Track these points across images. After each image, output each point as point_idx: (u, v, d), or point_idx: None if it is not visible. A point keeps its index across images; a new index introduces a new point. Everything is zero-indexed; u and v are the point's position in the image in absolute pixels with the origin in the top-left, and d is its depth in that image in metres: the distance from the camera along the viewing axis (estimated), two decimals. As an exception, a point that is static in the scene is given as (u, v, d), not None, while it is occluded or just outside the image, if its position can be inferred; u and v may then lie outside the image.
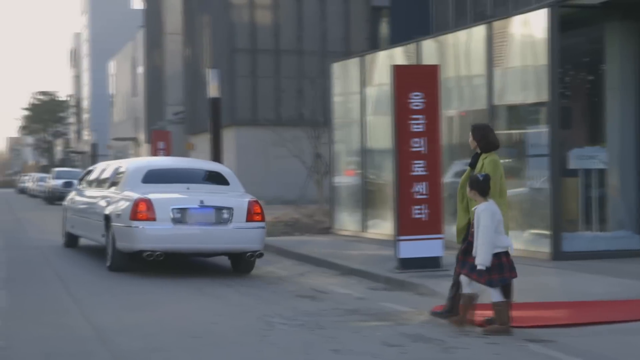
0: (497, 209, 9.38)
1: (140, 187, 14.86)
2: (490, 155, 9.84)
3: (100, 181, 17.45)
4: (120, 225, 14.42)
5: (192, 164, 17.55)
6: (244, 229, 14.47)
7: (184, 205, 14.24)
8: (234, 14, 39.01)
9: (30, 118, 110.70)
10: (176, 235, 14.14)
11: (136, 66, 63.38)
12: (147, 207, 14.08)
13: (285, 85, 37.90)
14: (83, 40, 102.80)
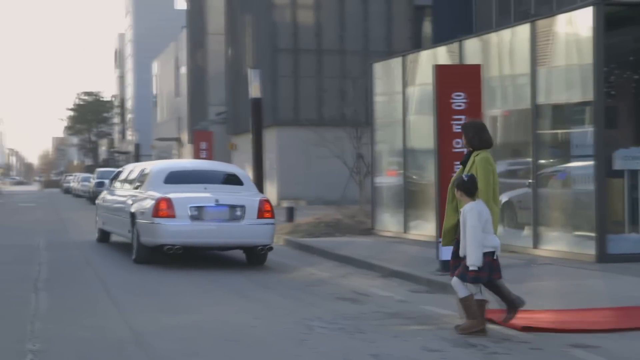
0: (483, 209, 9.20)
1: (162, 187, 16.32)
2: (482, 153, 9.65)
3: (127, 181, 18.91)
4: (144, 221, 15.83)
5: (210, 166, 19.17)
6: (255, 225, 15.85)
7: (201, 203, 15.66)
8: (276, 13, 38.98)
9: (75, 118, 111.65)
10: (193, 231, 15.55)
11: (179, 66, 63.61)
12: (168, 205, 15.51)
13: (327, 85, 37.80)
14: (127, 41, 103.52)
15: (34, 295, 11.85)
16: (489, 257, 9.20)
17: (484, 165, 9.54)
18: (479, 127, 9.87)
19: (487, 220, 9.19)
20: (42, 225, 28.86)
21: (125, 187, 18.91)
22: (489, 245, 9.19)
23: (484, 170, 9.52)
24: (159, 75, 74.68)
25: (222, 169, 18.39)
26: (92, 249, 19.83)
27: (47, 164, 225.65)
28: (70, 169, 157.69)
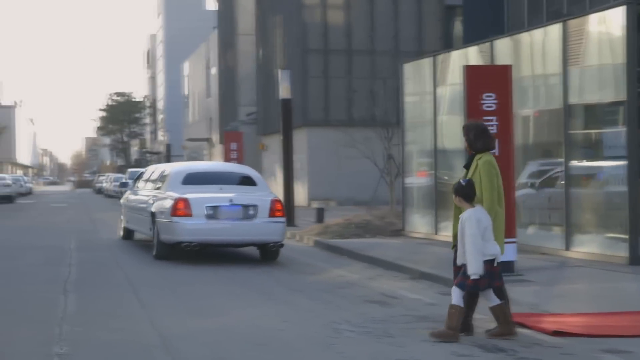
0: (482, 216, 9.01)
1: (180, 188, 17.35)
2: (485, 156, 9.47)
3: (149, 182, 20.01)
4: (163, 220, 16.89)
5: (226, 168, 20.55)
6: (267, 223, 16.85)
7: (216, 203, 16.68)
8: (306, 14, 38.92)
9: (107, 119, 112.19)
10: (209, 229, 16.57)
11: (210, 67, 63.73)
12: (185, 205, 16.56)
13: (357, 86, 37.68)
14: (158, 42, 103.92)
15: (63, 297, 11.86)
16: (489, 265, 9.02)
17: (487, 169, 9.34)
18: (481, 129, 9.63)
19: (486, 227, 8.99)
20: (74, 225, 28.99)
21: (146, 187, 19.95)
22: (488, 253, 9.00)
23: (487, 174, 9.33)
24: (190, 76, 74.87)
25: (237, 171, 19.40)
26: (121, 248, 19.91)
27: (80, 164, 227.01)
28: (103, 169, 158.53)
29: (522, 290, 12.08)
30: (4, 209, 45.24)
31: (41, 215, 37.91)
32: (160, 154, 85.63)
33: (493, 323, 10.09)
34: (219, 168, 20.38)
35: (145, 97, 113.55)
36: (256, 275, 14.96)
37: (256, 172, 19.42)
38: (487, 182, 9.29)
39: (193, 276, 14.59)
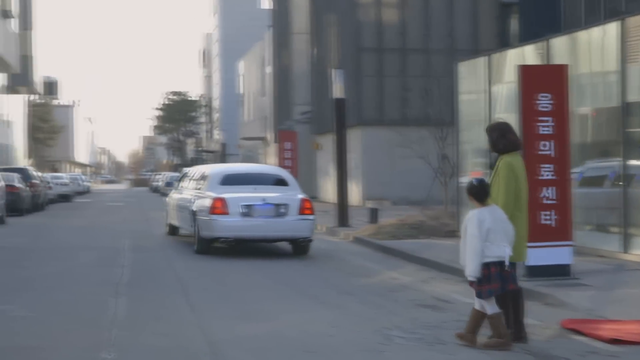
0: (486, 217, 8.70)
1: (218, 188, 18.81)
2: (506, 157, 9.21)
3: (191, 182, 21.62)
4: (203, 218, 18.38)
5: (260, 169, 22.00)
6: (297, 220, 18.24)
7: (250, 202, 18.13)
8: (360, 13, 38.74)
9: (163, 118, 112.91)
10: (244, 226, 18.08)
11: (264, 66, 63.80)
12: (222, 204, 18.03)
13: (412, 85, 37.40)
14: (213, 41, 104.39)
15: (114, 300, 11.83)
16: (497, 268, 8.74)
17: (505, 172, 9.11)
18: (503, 129, 9.38)
19: (489, 229, 8.69)
20: (128, 225, 29.15)
21: (189, 187, 21.54)
22: (492, 255, 8.71)
23: (504, 176, 9.11)
24: (245, 75, 75.05)
25: (271, 172, 20.97)
26: (174, 249, 19.94)
27: (137, 162, 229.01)
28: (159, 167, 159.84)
29: (578, 295, 11.83)
30: (62, 208, 45.73)
31: (97, 214, 38.22)
32: (215, 153, 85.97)
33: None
34: (253, 170, 21.86)
35: (201, 96, 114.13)
36: (307, 277, 14.85)
37: (288, 173, 21.11)
38: (503, 185, 9.08)
39: (243, 279, 14.52)
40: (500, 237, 8.74)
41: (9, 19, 65.52)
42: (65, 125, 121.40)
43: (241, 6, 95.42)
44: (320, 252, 19.58)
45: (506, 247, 8.76)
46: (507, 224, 8.85)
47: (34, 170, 46.03)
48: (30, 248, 20.30)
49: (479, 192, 8.84)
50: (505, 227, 8.82)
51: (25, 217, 34.82)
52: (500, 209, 8.88)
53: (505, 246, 8.75)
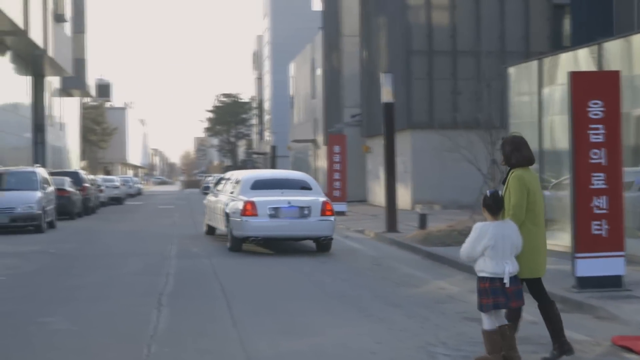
0: (488, 233, 8.49)
1: (249, 192, 20.91)
2: (517, 171, 8.91)
3: (225, 186, 23.74)
4: (235, 219, 20.40)
5: (286, 175, 23.86)
6: (319, 221, 20.27)
7: (277, 205, 20.21)
8: (410, 15, 38.40)
9: (214, 120, 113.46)
10: (271, 226, 20.10)
11: (315, 68, 63.68)
12: (252, 207, 20.08)
13: (462, 88, 36.98)
14: (265, 43, 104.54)
15: (156, 312, 11.72)
16: (496, 283, 8.51)
17: (515, 186, 8.82)
18: (517, 143, 9.06)
19: (487, 246, 8.48)
20: (177, 229, 29.16)
21: (224, 191, 23.58)
22: (487, 271, 8.52)
23: (515, 189, 8.81)
24: (296, 77, 75.01)
25: (296, 177, 23.05)
26: (220, 254, 19.87)
27: (189, 164, 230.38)
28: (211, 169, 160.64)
29: (631, 308, 11.50)
30: (112, 211, 46.01)
31: (147, 218, 38.37)
32: (266, 155, 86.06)
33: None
34: (281, 175, 23.73)
35: (252, 98, 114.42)
36: (354, 287, 14.63)
37: (312, 178, 23.15)
38: (514, 198, 8.80)
39: (288, 289, 14.34)
40: (502, 254, 8.52)
41: (62, 22, 66.16)
42: (118, 127, 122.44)
43: (292, 8, 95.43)
44: (368, 259, 19.41)
45: (507, 264, 8.52)
46: (515, 239, 8.62)
47: (85, 174, 46.38)
48: (77, 254, 20.36)
49: (491, 205, 8.64)
50: (512, 242, 8.59)
51: (76, 221, 35.06)
52: (511, 224, 8.67)
53: (506, 263, 8.52)
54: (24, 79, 62.33)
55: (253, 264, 18.10)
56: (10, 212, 27.29)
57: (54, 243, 23.62)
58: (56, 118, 75.65)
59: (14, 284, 14.89)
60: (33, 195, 27.92)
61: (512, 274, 8.55)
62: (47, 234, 27.46)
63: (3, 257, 19.64)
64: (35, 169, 30.62)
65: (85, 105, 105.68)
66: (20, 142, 60.63)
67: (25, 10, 51.29)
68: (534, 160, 9.10)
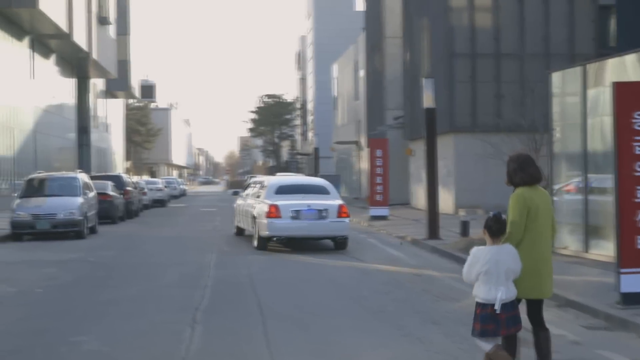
0: (482, 258, 8.24)
1: (273, 197, 23.54)
2: (519, 190, 8.59)
3: (252, 192, 26.40)
4: (261, 220, 23.08)
5: (307, 181, 26.48)
6: (335, 222, 22.91)
7: (298, 208, 22.81)
8: (453, 17, 37.98)
9: (258, 121, 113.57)
10: (293, 227, 22.73)
11: (357, 69, 63.42)
12: (276, 209, 22.70)
13: (505, 91, 36.52)
14: (308, 44, 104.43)
15: (190, 330, 11.52)
16: (491, 309, 8.25)
17: (513, 203, 8.54)
18: (522, 162, 8.71)
19: (480, 272, 8.25)
20: (218, 235, 29.11)
21: (251, 194, 26.21)
22: (480, 296, 8.29)
23: (512, 208, 8.53)
24: (339, 78, 74.80)
25: (315, 183, 25.56)
26: (259, 265, 19.64)
27: (233, 164, 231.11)
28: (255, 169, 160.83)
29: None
30: (155, 215, 46.10)
31: (188, 222, 38.35)
32: (309, 156, 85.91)
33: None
34: (302, 181, 26.35)
35: (296, 98, 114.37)
36: (392, 301, 14.35)
37: (329, 183, 25.49)
38: (511, 217, 8.50)
39: (326, 305, 14.04)
40: (496, 280, 8.25)
41: (106, 25, 66.51)
42: (163, 128, 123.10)
43: (336, 9, 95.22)
44: (408, 269, 19.12)
45: (500, 290, 8.24)
46: (512, 264, 8.32)
47: (128, 177, 46.50)
48: (116, 264, 20.30)
49: (491, 227, 8.37)
50: (508, 268, 8.30)
51: (118, 226, 35.12)
52: (509, 248, 8.37)
53: (499, 289, 8.24)
54: (69, 82, 62.80)
55: (291, 275, 17.87)
56: (51, 218, 27.38)
57: (93, 250, 23.61)
58: (100, 120, 76.14)
59: (50, 298, 14.82)
60: (74, 201, 27.98)
61: (505, 301, 8.27)
62: (88, 239, 27.51)
63: (43, 266, 19.64)
64: (76, 175, 30.69)
65: (130, 106, 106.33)
66: (65, 144, 61.08)
67: (69, 14, 51.62)
68: (541, 179, 8.78)
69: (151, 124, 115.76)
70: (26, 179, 30.98)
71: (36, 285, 16.27)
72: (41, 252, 23.44)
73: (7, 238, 27.27)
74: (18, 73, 47.99)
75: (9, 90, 45.90)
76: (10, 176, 46.45)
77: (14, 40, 47.33)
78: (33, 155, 51.22)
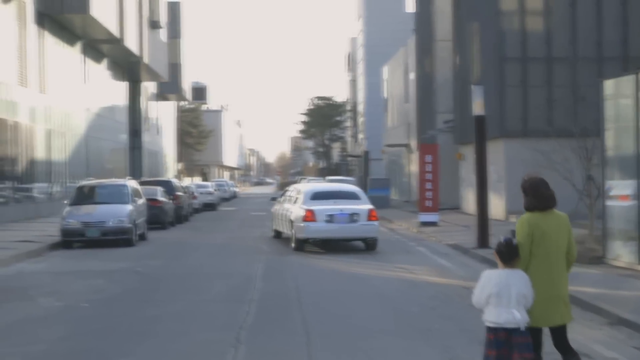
0: (492, 281, 8.10)
1: (309, 202, 25.81)
2: (529, 214, 8.41)
3: (289, 198, 28.50)
4: (298, 224, 25.41)
5: (339, 188, 28.65)
6: (366, 225, 25.18)
7: (332, 212, 25.11)
8: (503, 21, 37.54)
9: (308, 123, 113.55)
10: (327, 229, 25.09)
11: (408, 72, 63.06)
12: (312, 214, 25.01)
13: (557, 95, 35.99)
14: (358, 45, 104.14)
15: (233, 351, 11.37)
16: (503, 334, 8.06)
17: (517, 227, 8.38)
18: (534, 185, 8.53)
19: (491, 294, 8.10)
20: (266, 242, 29.05)
21: (288, 200, 28.32)
22: (489, 320, 8.14)
23: (517, 232, 8.35)
24: (389, 80, 74.48)
25: (347, 189, 28.07)
26: (306, 276, 19.46)
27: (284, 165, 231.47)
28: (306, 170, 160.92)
29: None
30: (205, 219, 46.22)
31: (237, 227, 38.38)
32: (360, 157, 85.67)
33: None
34: (335, 188, 28.65)
35: (346, 100, 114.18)
36: (439, 318, 14.12)
37: (360, 189, 28.49)
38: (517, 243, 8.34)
39: (372, 322, 13.80)
40: (507, 303, 8.08)
41: (157, 29, 66.92)
42: (214, 130, 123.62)
43: (386, 10, 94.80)
44: (457, 280, 18.88)
45: (513, 312, 8.07)
46: (523, 288, 8.14)
47: (178, 182, 46.74)
48: (163, 275, 20.27)
49: (503, 252, 8.23)
50: (519, 292, 8.12)
51: (167, 231, 35.25)
52: (520, 273, 8.20)
53: (508, 312, 8.08)
54: (120, 85, 63.30)
55: (338, 288, 17.68)
56: (101, 226, 27.51)
57: (142, 259, 23.66)
58: (152, 122, 76.65)
59: (95, 314, 14.79)
60: (124, 209, 28.09)
61: (519, 324, 8.09)
62: (137, 247, 27.62)
63: (90, 277, 19.69)
64: (126, 182, 30.84)
65: (182, 108, 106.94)
66: (117, 147, 61.55)
67: (121, 19, 52.01)
68: (554, 204, 8.54)
69: (203, 126, 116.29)
70: (76, 187, 31.21)
71: (83, 299, 16.28)
72: (90, 261, 23.54)
73: (58, 245, 27.45)
74: (71, 78, 48.42)
75: (62, 95, 46.34)
76: (64, 179, 46.92)
77: (66, 46, 47.76)
78: (85, 159, 51.68)
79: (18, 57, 39.07)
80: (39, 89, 42.29)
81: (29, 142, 40.67)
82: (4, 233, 30.78)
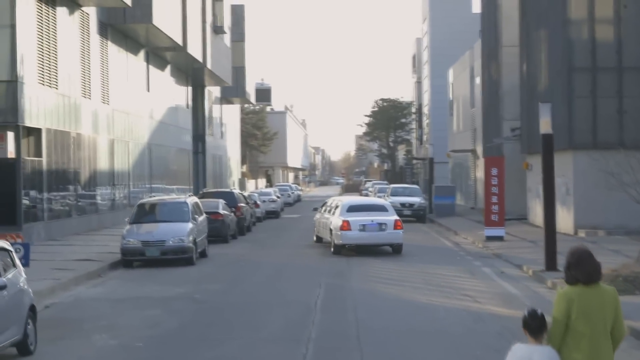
0: (517, 355, 7.48)
1: (345, 214, 30.57)
2: (570, 287, 7.74)
3: (328, 208, 33.44)
4: (336, 232, 30.14)
5: (371, 202, 35.33)
6: (393, 233, 29.97)
7: (364, 222, 29.92)
8: (572, 30, 36.44)
9: (373, 125, 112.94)
10: (360, 237, 29.94)
11: (474, 76, 62.07)
12: (347, 224, 29.79)
13: (628, 106, 34.89)
14: (424, 47, 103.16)
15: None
16: None
17: (555, 301, 7.78)
18: (578, 257, 7.80)
19: None
20: (326, 261, 28.69)
21: (328, 211, 33.20)
22: None
23: (554, 306, 7.76)
24: (454, 83, 73.52)
25: (377, 203, 33.51)
26: (367, 307, 18.82)
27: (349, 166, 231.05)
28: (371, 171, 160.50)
29: None
30: (268, 229, 45.93)
31: (299, 238, 38.08)
32: (425, 160, 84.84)
33: None
34: (367, 202, 35.39)
35: (411, 102, 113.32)
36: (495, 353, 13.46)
37: (388, 203, 34.22)
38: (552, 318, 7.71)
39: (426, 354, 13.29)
40: None
41: (221, 34, 66.85)
42: (279, 132, 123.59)
43: (452, 11, 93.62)
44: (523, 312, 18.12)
45: None
46: None
47: (240, 192, 46.49)
48: (220, 304, 19.78)
49: (529, 324, 7.62)
50: None
51: (229, 246, 35.00)
52: (549, 351, 7.54)
53: None
54: (184, 90, 63.38)
55: (399, 324, 16.99)
56: (161, 246, 27.24)
57: (201, 282, 23.31)
58: (216, 126, 76.66)
59: (149, 356, 14.39)
60: (184, 228, 27.77)
61: None
62: (197, 266, 27.32)
63: (148, 307, 19.29)
64: (186, 199, 30.56)
65: (246, 110, 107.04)
66: (181, 152, 61.61)
67: (184, 26, 52.01)
68: (599, 278, 7.82)
69: (267, 128, 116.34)
70: (137, 204, 31.02)
71: (138, 336, 15.85)
72: (149, 284, 23.23)
73: (118, 264, 27.28)
74: (134, 86, 48.50)
75: (125, 104, 46.44)
76: (127, 186, 47.02)
77: (129, 55, 47.84)
78: (148, 166, 51.76)
79: (81, 68, 39.14)
80: (101, 99, 42.36)
81: (92, 153, 40.74)
82: (66, 249, 30.76)
